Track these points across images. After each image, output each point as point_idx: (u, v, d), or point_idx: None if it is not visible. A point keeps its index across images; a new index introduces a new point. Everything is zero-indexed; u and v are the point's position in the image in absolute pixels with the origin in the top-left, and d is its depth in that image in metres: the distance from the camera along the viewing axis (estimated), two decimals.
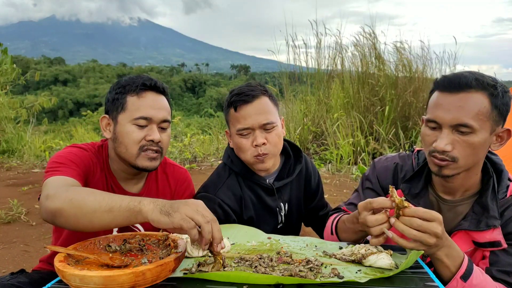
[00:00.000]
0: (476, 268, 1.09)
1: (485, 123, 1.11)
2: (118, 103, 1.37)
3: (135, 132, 1.33)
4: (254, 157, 1.47)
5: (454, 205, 1.28)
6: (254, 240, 1.23)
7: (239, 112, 1.46)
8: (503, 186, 1.22)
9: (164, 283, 0.93)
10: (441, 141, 1.13)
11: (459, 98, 1.11)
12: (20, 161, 6.76)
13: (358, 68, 6.70)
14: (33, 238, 3.42)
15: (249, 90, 1.46)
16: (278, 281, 0.93)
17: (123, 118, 1.35)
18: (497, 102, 1.11)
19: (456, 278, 1.06)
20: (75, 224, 1.07)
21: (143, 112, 1.33)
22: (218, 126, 8.49)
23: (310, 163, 1.77)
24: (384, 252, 1.05)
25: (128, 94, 1.36)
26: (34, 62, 79.37)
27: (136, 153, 1.33)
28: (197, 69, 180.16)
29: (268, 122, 1.45)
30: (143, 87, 1.36)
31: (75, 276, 0.84)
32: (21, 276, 1.39)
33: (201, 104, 62.67)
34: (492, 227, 1.15)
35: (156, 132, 1.34)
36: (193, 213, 0.94)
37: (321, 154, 6.32)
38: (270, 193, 1.57)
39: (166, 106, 1.41)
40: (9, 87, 7.79)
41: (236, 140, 1.50)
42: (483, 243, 1.17)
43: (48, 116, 16.62)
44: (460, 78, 1.12)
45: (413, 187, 1.32)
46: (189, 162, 6.27)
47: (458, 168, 1.16)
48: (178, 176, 1.58)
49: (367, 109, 6.43)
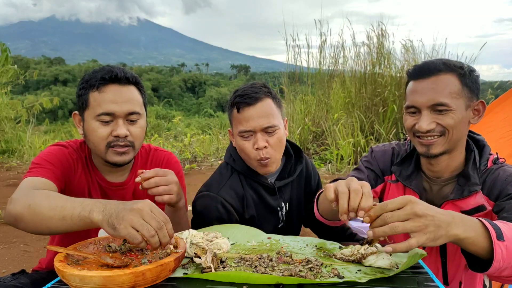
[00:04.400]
0: (497, 222, 1.00)
1: (459, 100, 1.22)
2: (82, 100, 1.34)
3: (100, 128, 1.30)
4: (257, 161, 1.47)
5: (443, 184, 1.36)
6: (254, 240, 1.23)
7: (242, 114, 1.45)
8: (484, 159, 1.31)
9: (164, 283, 0.93)
10: (423, 122, 1.23)
11: (431, 81, 1.23)
12: (20, 161, 6.76)
13: (362, 68, 6.70)
14: (33, 238, 3.42)
15: (253, 92, 1.45)
16: (278, 281, 0.93)
17: (88, 115, 1.32)
18: (466, 80, 1.23)
19: (497, 242, 0.93)
20: (35, 229, 1.09)
21: (104, 108, 1.29)
22: (218, 126, 8.49)
23: (310, 163, 1.78)
24: (384, 252, 1.05)
25: (90, 90, 1.31)
26: (34, 62, 79.31)
27: (104, 149, 1.31)
28: (197, 69, 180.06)
29: (270, 126, 1.44)
30: (103, 81, 1.30)
31: (75, 276, 0.84)
32: (22, 277, 1.39)
33: (201, 104, 62.64)
34: (474, 192, 1.24)
35: (121, 127, 1.30)
36: (138, 225, 0.92)
37: (321, 154, 6.32)
38: (271, 192, 1.58)
39: (131, 97, 1.33)
40: (9, 87, 7.79)
41: (238, 142, 1.50)
42: (469, 210, 1.24)
43: (48, 116, 16.61)
44: (429, 64, 1.26)
45: (404, 170, 1.42)
46: (189, 162, 6.28)
47: (445, 144, 1.25)
48: (161, 159, 1.56)
49: (369, 109, 6.43)
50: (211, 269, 0.97)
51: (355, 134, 6.03)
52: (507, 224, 1.01)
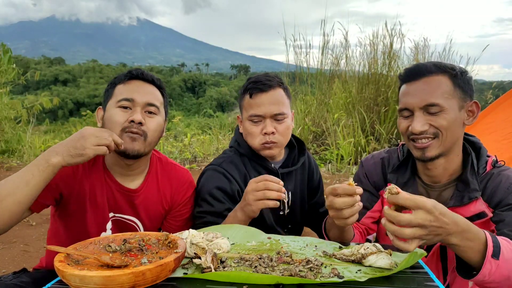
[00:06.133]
0: (502, 240, 1.01)
1: (451, 100, 1.21)
2: (108, 94, 1.43)
3: (118, 114, 1.35)
4: (261, 144, 1.53)
5: (442, 190, 1.34)
6: (254, 240, 1.23)
7: (254, 99, 1.52)
8: (482, 161, 1.29)
9: (164, 283, 0.93)
10: (416, 124, 1.22)
11: (422, 83, 1.23)
12: (20, 161, 6.76)
13: (364, 67, 6.70)
14: (33, 238, 3.42)
15: (266, 80, 1.52)
16: (278, 281, 0.93)
17: (110, 104, 1.39)
18: (458, 81, 1.22)
19: (488, 259, 0.95)
20: (8, 214, 1.13)
21: (126, 94, 1.37)
22: (218, 126, 8.49)
23: (312, 159, 1.82)
24: (383, 252, 1.05)
25: (117, 84, 1.41)
26: (34, 62, 79.30)
27: (119, 135, 1.32)
28: (197, 69, 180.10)
29: (279, 113, 1.51)
30: (130, 75, 1.41)
31: (75, 276, 0.84)
32: (23, 276, 1.40)
33: (201, 104, 62.61)
34: (474, 199, 1.23)
35: (137, 113, 1.34)
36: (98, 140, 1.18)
37: (321, 154, 6.31)
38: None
39: (152, 92, 1.42)
40: (9, 87, 7.79)
41: (246, 126, 1.56)
42: (470, 216, 1.22)
43: (48, 116, 16.62)
44: (420, 67, 1.26)
45: (400, 177, 1.39)
46: (189, 162, 6.27)
47: (440, 147, 1.23)
48: (180, 177, 1.57)
49: (370, 108, 6.43)
50: (211, 269, 0.97)
51: (356, 134, 6.03)
52: (509, 243, 1.01)
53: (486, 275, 0.96)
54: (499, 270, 0.96)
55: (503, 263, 0.96)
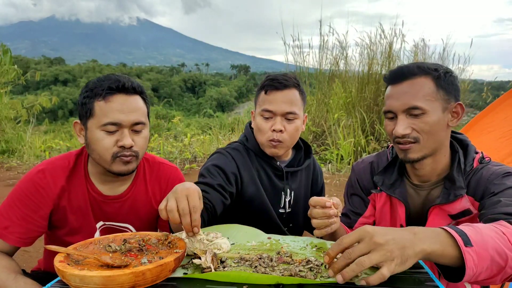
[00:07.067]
0: (462, 226, 0.94)
1: (434, 103, 1.21)
2: (86, 108, 1.30)
3: (105, 138, 1.28)
4: (268, 141, 1.54)
5: (431, 189, 1.34)
6: (254, 240, 1.23)
7: (268, 96, 1.55)
8: (469, 159, 1.29)
9: (164, 283, 0.93)
10: (399, 127, 1.23)
11: (405, 85, 1.23)
12: (20, 161, 6.76)
13: (364, 68, 6.70)
14: None
15: (283, 79, 1.55)
16: (278, 281, 0.93)
17: (92, 124, 1.29)
18: (441, 82, 1.22)
19: (464, 250, 0.87)
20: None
21: (111, 117, 1.26)
22: (218, 126, 8.48)
23: (317, 164, 1.85)
24: None
25: (95, 99, 1.28)
26: (34, 62, 79.38)
27: (110, 160, 1.29)
28: (197, 69, 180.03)
29: (291, 112, 1.53)
30: (110, 90, 1.28)
31: (75, 276, 0.84)
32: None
33: (201, 104, 62.67)
34: (459, 196, 1.23)
35: (127, 137, 1.28)
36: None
37: (321, 154, 6.32)
38: (279, 175, 1.63)
39: (138, 107, 1.32)
40: (10, 87, 7.79)
41: (257, 120, 1.58)
42: (456, 214, 1.23)
43: (48, 116, 16.62)
44: (403, 69, 1.25)
45: (387, 178, 1.40)
46: (189, 162, 6.28)
47: (422, 149, 1.24)
48: (168, 175, 1.53)
49: (370, 108, 6.43)
50: (211, 269, 0.97)
51: (356, 134, 6.04)
52: (472, 227, 0.94)
53: (473, 267, 0.89)
54: (479, 256, 0.89)
55: (479, 248, 0.89)
